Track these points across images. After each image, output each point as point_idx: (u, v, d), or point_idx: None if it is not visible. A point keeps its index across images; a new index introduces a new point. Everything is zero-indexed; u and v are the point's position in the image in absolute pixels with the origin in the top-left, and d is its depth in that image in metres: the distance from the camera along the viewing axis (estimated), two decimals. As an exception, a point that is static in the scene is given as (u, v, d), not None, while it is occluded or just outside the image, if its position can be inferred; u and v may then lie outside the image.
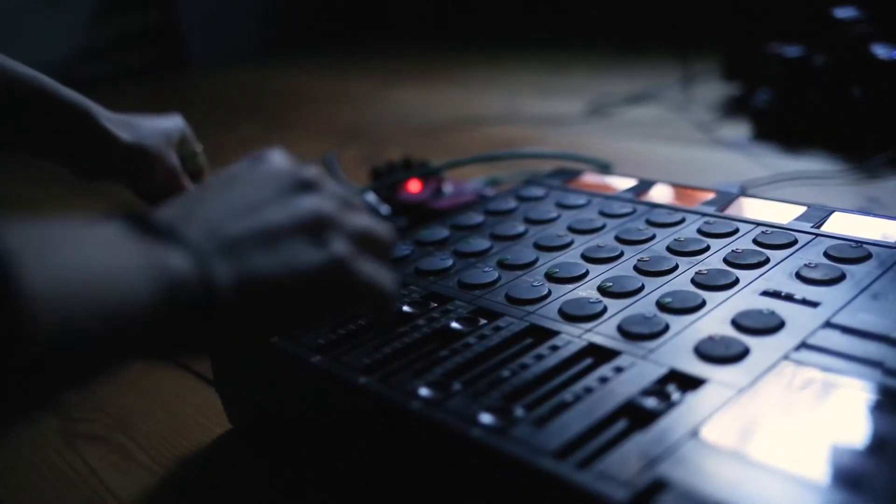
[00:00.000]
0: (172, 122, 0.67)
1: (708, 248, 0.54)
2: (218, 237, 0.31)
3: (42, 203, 1.15)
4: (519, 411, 0.38)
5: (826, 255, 0.51)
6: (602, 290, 0.49)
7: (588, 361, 0.42)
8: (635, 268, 0.52)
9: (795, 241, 0.53)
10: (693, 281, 0.49)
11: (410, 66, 2.01)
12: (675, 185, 0.68)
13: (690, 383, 0.39)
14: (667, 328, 0.44)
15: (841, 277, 0.47)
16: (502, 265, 0.55)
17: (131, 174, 0.64)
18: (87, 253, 0.27)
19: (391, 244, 0.38)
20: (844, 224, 0.55)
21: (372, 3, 2.64)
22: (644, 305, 0.47)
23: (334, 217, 0.34)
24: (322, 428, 0.46)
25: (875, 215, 0.56)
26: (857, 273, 0.48)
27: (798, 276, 0.48)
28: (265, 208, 0.33)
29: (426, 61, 2.05)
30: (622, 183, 0.69)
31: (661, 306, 0.46)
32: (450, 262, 0.56)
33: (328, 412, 0.45)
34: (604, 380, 0.40)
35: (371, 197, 0.84)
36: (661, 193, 0.66)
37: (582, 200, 0.65)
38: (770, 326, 0.43)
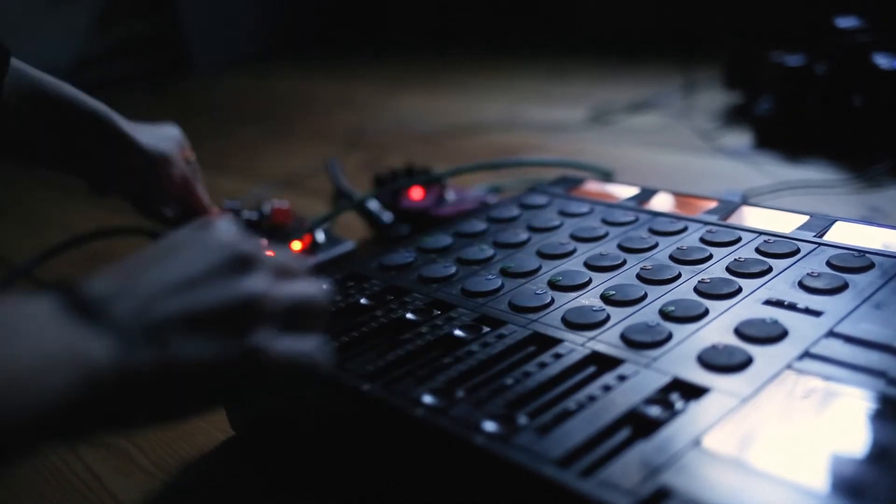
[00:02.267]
0: (175, 130, 0.68)
1: (710, 256, 0.54)
2: (145, 319, 0.31)
3: (40, 210, 1.15)
4: (522, 419, 0.38)
5: (829, 264, 0.51)
6: (605, 299, 0.49)
7: (591, 369, 0.43)
8: (638, 276, 0.52)
9: (798, 251, 0.53)
10: (696, 290, 0.49)
11: (412, 72, 2.01)
12: (678, 194, 0.68)
13: (693, 392, 0.39)
14: (670, 337, 0.44)
15: (843, 287, 0.48)
16: (505, 273, 0.55)
17: (149, 183, 0.64)
18: (11, 339, 0.28)
19: (325, 309, 0.38)
20: (847, 233, 0.55)
21: (374, 9, 2.65)
22: (647, 314, 0.47)
23: (263, 300, 0.34)
24: (324, 434, 0.46)
25: (877, 225, 0.57)
26: (860, 282, 0.48)
27: (801, 285, 0.48)
28: (197, 288, 0.33)
29: (428, 68, 2.05)
30: (625, 191, 0.70)
31: (664, 315, 0.46)
32: (453, 270, 0.56)
33: (331, 418, 0.45)
34: (607, 388, 0.40)
35: (374, 204, 0.84)
36: (663, 202, 0.66)
37: (585, 208, 0.66)
38: (773, 335, 0.43)
